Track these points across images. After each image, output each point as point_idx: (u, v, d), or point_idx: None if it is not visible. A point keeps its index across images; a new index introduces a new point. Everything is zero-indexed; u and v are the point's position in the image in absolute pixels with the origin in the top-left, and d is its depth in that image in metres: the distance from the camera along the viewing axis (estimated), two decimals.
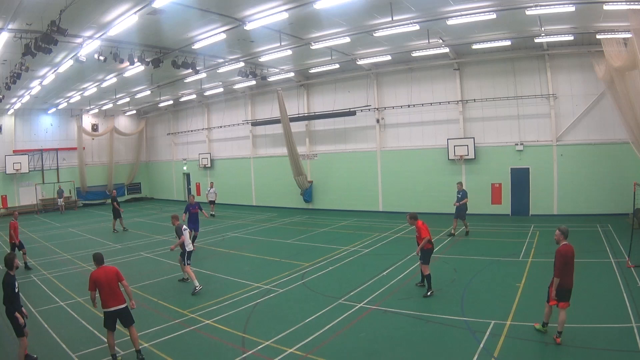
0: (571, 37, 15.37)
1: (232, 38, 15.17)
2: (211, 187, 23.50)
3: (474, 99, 18.90)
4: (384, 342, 6.88)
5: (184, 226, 10.61)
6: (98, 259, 6.89)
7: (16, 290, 6.36)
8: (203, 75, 20.45)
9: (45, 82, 19.76)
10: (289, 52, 16.91)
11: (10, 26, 12.59)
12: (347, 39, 15.43)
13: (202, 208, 14.88)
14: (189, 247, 10.28)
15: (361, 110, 21.57)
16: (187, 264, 10.20)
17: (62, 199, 28.04)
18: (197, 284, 9.93)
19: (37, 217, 25.72)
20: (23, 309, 6.55)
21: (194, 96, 27.75)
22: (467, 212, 15.19)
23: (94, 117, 31.48)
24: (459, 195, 15.07)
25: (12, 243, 12.71)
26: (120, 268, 7.10)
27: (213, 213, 22.38)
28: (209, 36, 14.76)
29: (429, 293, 9.01)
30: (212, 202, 23.14)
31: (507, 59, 18.06)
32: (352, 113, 21.59)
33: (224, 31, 14.27)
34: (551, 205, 17.52)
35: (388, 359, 6.38)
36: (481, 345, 6.50)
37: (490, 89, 18.58)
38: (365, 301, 8.75)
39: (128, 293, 6.71)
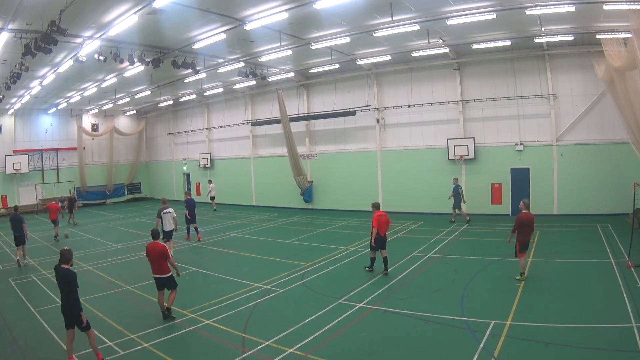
0: (571, 37, 15.37)
1: (232, 38, 15.17)
2: (210, 183, 25.69)
3: (474, 99, 18.90)
4: (384, 342, 6.88)
5: (165, 210, 13.02)
6: (153, 235, 8.47)
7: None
8: (203, 75, 20.45)
9: (45, 82, 19.76)
10: (289, 52, 16.91)
11: (10, 26, 12.60)
12: (347, 39, 15.43)
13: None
14: (165, 227, 12.83)
15: (361, 110, 21.57)
16: (164, 241, 12.33)
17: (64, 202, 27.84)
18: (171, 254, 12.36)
19: (37, 217, 25.71)
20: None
21: (194, 96, 27.75)
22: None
23: (94, 117, 31.49)
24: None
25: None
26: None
27: (214, 208, 25.25)
28: (209, 36, 14.76)
29: (366, 268, 10.92)
30: (212, 199, 25.66)
31: (507, 59, 18.06)
32: (352, 113, 21.59)
33: (224, 31, 14.27)
34: (551, 205, 17.52)
35: (388, 359, 6.38)
36: (481, 345, 6.50)
37: (490, 89, 18.57)
38: (365, 301, 8.74)
39: (174, 266, 8.23)
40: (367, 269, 10.95)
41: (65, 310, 6.39)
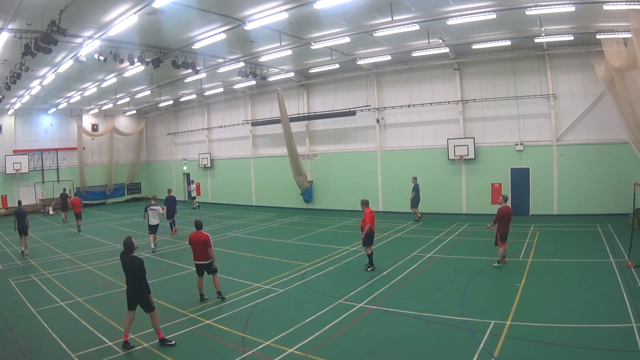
0: (571, 37, 15.37)
1: (232, 38, 15.17)
2: (192, 183, 27.89)
3: (474, 99, 18.90)
4: (384, 342, 6.88)
5: (151, 206, 14.63)
6: (197, 225, 9.16)
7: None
8: (203, 75, 20.44)
9: (45, 82, 19.76)
10: (289, 52, 16.91)
11: (10, 26, 12.59)
12: (347, 39, 15.43)
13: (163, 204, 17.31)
14: (151, 221, 14.45)
15: (361, 110, 21.57)
16: (149, 234, 14.63)
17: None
18: (152, 247, 14.45)
19: (37, 216, 25.72)
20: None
21: (194, 96, 27.75)
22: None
23: (94, 117, 31.47)
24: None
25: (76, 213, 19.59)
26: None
27: (195, 206, 26.92)
28: (209, 36, 14.76)
29: (369, 269, 10.93)
30: (193, 198, 27.57)
31: (507, 59, 18.06)
32: (352, 113, 21.59)
33: (224, 31, 14.27)
34: (551, 205, 17.52)
35: (388, 359, 6.38)
36: (481, 345, 6.50)
37: (490, 89, 18.57)
38: (365, 301, 8.74)
39: (211, 256, 8.98)
40: (369, 269, 10.95)
41: (131, 294, 7.00)
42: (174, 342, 7.02)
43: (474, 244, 13.80)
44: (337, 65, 19.80)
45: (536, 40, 15.77)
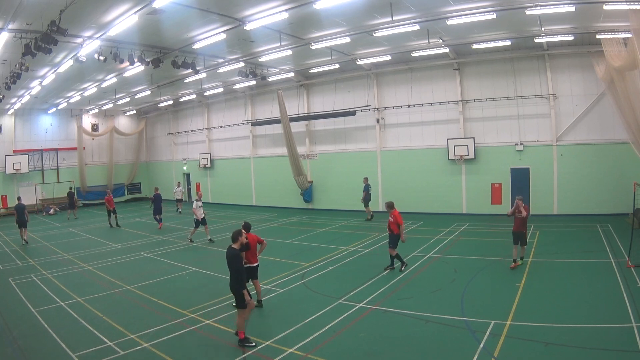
0: (571, 37, 15.37)
1: (232, 38, 15.18)
2: (178, 186, 25.96)
3: (474, 99, 18.89)
4: (384, 342, 6.88)
5: (197, 203, 15.70)
6: (247, 227, 8.58)
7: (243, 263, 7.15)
8: (203, 75, 20.44)
9: (45, 82, 19.76)
10: (289, 52, 16.92)
11: (10, 26, 12.59)
12: (347, 39, 15.43)
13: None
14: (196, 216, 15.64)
15: (361, 110, 21.57)
16: (203, 226, 15.83)
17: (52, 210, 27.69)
18: (209, 238, 15.69)
19: (37, 216, 25.72)
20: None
21: (194, 96, 27.74)
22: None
23: (94, 117, 31.47)
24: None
25: (109, 210, 20.40)
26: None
27: (179, 210, 24.90)
28: (209, 36, 14.76)
29: (402, 267, 10.86)
30: (178, 201, 25.40)
31: (507, 59, 18.06)
32: (352, 113, 21.59)
33: (224, 31, 14.27)
34: (551, 205, 17.52)
35: (388, 359, 6.38)
36: (481, 345, 6.50)
37: (490, 89, 18.57)
38: (365, 301, 8.74)
39: (262, 249, 8.78)
40: (387, 270, 10.90)
41: (231, 287, 7.01)
42: (253, 344, 6.83)
43: (474, 244, 13.81)
44: (337, 65, 19.80)
45: (536, 40, 15.76)
